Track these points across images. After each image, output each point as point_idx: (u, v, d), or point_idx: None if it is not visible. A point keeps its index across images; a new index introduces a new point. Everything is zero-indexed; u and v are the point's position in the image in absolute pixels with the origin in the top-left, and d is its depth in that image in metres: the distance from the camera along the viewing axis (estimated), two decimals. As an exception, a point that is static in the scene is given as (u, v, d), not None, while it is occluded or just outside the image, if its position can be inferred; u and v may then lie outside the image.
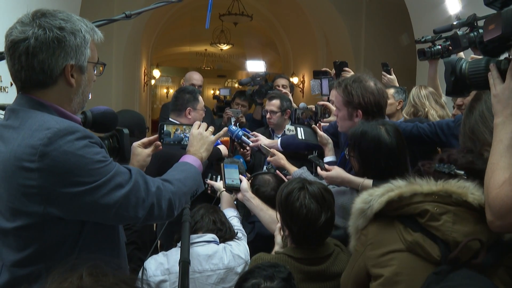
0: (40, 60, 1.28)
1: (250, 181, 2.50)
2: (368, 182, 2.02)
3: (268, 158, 2.83)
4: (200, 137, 1.81)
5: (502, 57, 1.38)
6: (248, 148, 3.25)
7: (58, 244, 1.29)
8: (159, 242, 2.75)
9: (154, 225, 3.17)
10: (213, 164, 3.01)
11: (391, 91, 3.62)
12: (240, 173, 2.52)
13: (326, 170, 2.22)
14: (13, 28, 1.29)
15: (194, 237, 2.03)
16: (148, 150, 1.87)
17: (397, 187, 1.39)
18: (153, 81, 14.00)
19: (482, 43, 1.38)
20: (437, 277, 1.25)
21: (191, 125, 1.89)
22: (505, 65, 1.32)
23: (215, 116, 4.88)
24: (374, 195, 1.40)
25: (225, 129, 2.10)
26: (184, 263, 1.48)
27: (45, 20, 1.28)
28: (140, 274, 1.92)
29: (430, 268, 1.29)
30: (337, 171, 2.16)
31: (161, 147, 1.92)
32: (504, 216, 1.19)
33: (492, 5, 1.32)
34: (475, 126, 1.59)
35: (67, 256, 1.29)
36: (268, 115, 3.60)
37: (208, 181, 2.66)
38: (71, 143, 1.23)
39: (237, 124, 4.30)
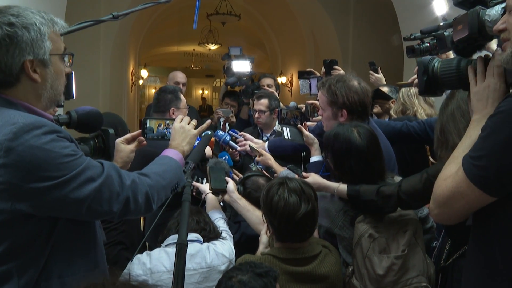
0: None
1: (241, 182, 2.49)
2: (343, 187, 2.02)
3: (257, 158, 2.82)
4: (182, 130, 1.79)
5: (475, 57, 1.39)
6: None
7: (29, 242, 1.26)
8: (147, 244, 2.73)
9: (142, 225, 3.16)
10: (198, 165, 2.99)
11: (385, 90, 3.63)
12: (226, 173, 2.50)
13: (303, 177, 2.22)
14: None
15: (177, 237, 2.00)
16: (132, 146, 1.85)
17: None
18: (141, 81, 13.92)
19: (454, 42, 1.39)
20: None
21: (174, 119, 1.87)
22: (475, 64, 1.33)
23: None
24: None
25: (208, 121, 2.04)
26: (181, 245, 1.45)
27: None
28: (125, 274, 1.90)
29: None
30: (313, 177, 2.16)
31: (145, 142, 1.89)
32: (442, 205, 1.27)
33: (461, 5, 1.34)
34: (446, 125, 1.62)
35: (39, 255, 1.27)
36: (256, 115, 3.57)
37: (194, 183, 2.64)
38: (37, 138, 1.20)
39: (227, 124, 4.27)
